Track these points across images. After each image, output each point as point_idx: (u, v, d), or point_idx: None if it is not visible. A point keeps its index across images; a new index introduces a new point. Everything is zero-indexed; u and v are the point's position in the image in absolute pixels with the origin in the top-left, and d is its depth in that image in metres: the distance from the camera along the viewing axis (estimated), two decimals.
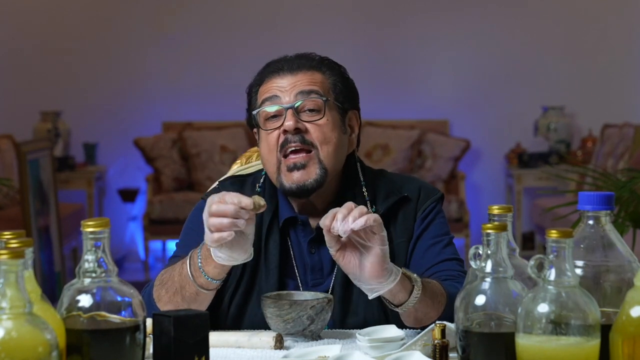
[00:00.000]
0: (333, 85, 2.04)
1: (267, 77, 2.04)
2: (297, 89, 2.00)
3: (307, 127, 1.98)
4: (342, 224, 1.71)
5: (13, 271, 1.26)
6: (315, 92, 2.00)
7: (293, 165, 1.98)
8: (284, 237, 2.05)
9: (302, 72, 2.02)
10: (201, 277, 1.86)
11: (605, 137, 6.50)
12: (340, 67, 2.08)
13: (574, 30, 7.22)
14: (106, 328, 1.40)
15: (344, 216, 1.72)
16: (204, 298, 1.89)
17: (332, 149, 1.99)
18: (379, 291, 1.77)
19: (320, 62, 2.06)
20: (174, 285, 1.90)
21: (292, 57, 2.06)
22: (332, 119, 2.01)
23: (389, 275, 1.75)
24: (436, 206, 2.09)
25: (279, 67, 2.03)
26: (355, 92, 2.10)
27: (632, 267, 1.54)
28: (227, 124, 7.11)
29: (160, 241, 7.07)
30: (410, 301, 1.81)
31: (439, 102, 7.28)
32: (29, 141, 5.89)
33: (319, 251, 2.03)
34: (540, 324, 1.39)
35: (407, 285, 1.80)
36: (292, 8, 7.29)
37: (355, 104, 2.10)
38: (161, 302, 1.92)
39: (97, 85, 7.30)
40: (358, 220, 1.71)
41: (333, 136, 2.00)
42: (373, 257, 1.74)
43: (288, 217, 2.04)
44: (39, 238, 5.31)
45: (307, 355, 1.65)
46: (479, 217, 6.85)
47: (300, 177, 1.97)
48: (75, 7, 7.28)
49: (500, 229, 1.47)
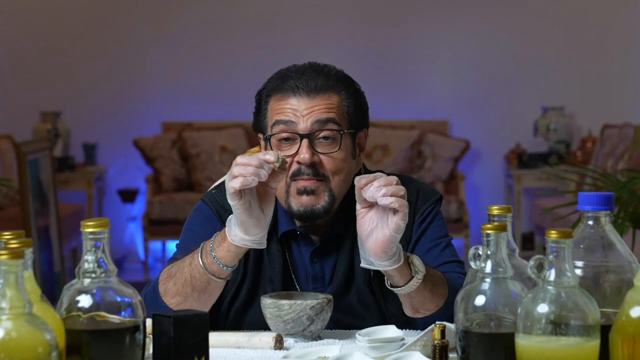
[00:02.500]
0: (347, 107, 2.02)
1: (280, 93, 2.00)
2: (314, 117, 1.97)
3: (321, 158, 1.98)
4: (373, 190, 1.73)
5: (13, 271, 1.26)
6: (332, 120, 1.98)
7: (303, 189, 1.98)
8: (284, 247, 2.06)
9: (319, 96, 1.99)
10: (214, 265, 1.86)
11: (605, 138, 6.50)
12: (354, 83, 2.06)
13: (574, 30, 7.22)
14: (106, 328, 1.40)
15: (380, 185, 1.74)
16: (214, 288, 1.89)
17: (342, 179, 2.00)
18: (372, 266, 1.79)
19: (337, 79, 2.02)
20: (184, 275, 1.89)
21: (308, 72, 2.01)
22: (346, 148, 2.00)
23: (387, 258, 1.77)
24: (434, 208, 2.09)
25: (295, 86, 1.99)
26: (366, 109, 2.09)
27: (631, 268, 1.54)
28: (227, 124, 7.11)
29: (160, 241, 7.07)
30: (405, 288, 1.83)
31: (439, 102, 7.27)
32: (29, 141, 5.89)
33: (321, 261, 2.05)
34: (540, 325, 1.39)
35: (406, 274, 1.82)
36: (292, 8, 7.29)
37: (366, 122, 2.09)
38: (168, 295, 1.91)
39: (97, 86, 7.30)
40: (387, 197, 1.72)
41: (345, 166, 2.00)
42: (381, 235, 1.76)
43: (287, 230, 2.05)
44: (38, 238, 5.31)
45: (306, 355, 1.65)
46: (478, 218, 6.85)
47: (309, 201, 1.98)
48: (75, 7, 7.28)
49: (500, 229, 1.47)
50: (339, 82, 2.03)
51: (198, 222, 2.05)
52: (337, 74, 2.04)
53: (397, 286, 1.83)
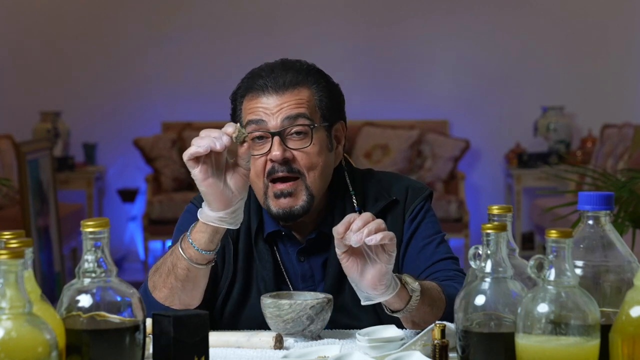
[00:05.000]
0: (319, 100, 2.01)
1: (251, 92, 2.01)
2: (283, 114, 1.97)
3: (294, 154, 1.98)
4: (356, 234, 1.70)
5: (13, 271, 1.26)
6: (302, 115, 1.98)
7: (280, 193, 1.98)
8: (272, 247, 2.06)
9: (288, 92, 1.99)
10: (190, 249, 1.85)
11: (604, 137, 6.50)
12: (326, 76, 2.06)
13: (574, 31, 7.22)
14: (106, 328, 1.40)
15: (359, 228, 1.70)
16: (195, 275, 1.88)
17: (318, 174, 1.99)
18: (373, 300, 1.77)
19: (307, 73, 2.02)
20: (167, 266, 1.90)
21: (277, 70, 2.01)
22: (319, 142, 2.00)
23: (385, 289, 1.75)
24: (424, 205, 2.07)
25: (264, 85, 1.99)
26: (341, 101, 2.08)
27: (631, 267, 1.54)
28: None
29: (160, 241, 7.07)
30: (406, 310, 1.81)
31: (439, 102, 7.27)
32: (29, 141, 5.89)
33: (308, 260, 2.05)
34: (540, 324, 1.39)
35: (404, 296, 1.80)
36: (292, 8, 7.29)
37: (342, 114, 2.08)
38: (156, 290, 1.91)
39: (97, 85, 7.30)
40: (374, 235, 1.69)
41: (319, 161, 1.99)
42: (375, 270, 1.73)
43: (272, 230, 2.05)
44: (38, 238, 5.31)
45: (306, 355, 1.65)
46: (478, 217, 6.85)
47: (287, 203, 1.98)
48: (76, 7, 7.28)
49: (500, 229, 1.47)
50: (309, 75, 2.02)
51: (187, 222, 2.05)
52: (308, 68, 2.04)
53: (398, 310, 1.82)
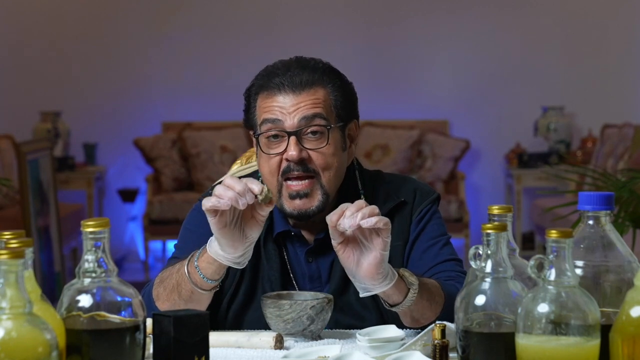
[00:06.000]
0: (335, 100, 2.01)
1: (267, 90, 1.99)
2: (300, 114, 1.96)
3: (310, 154, 1.97)
4: (349, 219, 1.71)
5: (13, 271, 1.26)
6: (319, 115, 1.97)
7: (296, 193, 1.97)
8: (280, 247, 2.06)
9: (305, 91, 1.98)
10: (196, 274, 1.86)
11: (605, 137, 6.50)
12: (340, 75, 2.05)
13: (574, 30, 7.22)
14: (106, 328, 1.40)
15: (352, 213, 1.72)
16: (199, 298, 1.88)
17: (333, 174, 1.99)
18: (371, 292, 1.78)
19: (322, 72, 2.01)
20: (171, 282, 1.90)
21: (293, 68, 2.00)
22: (334, 142, 1.99)
23: (382, 278, 1.76)
24: (432, 207, 2.09)
25: (280, 84, 1.98)
26: (355, 99, 2.08)
27: (632, 267, 1.54)
28: (227, 124, 7.11)
29: (160, 241, 7.07)
30: (404, 303, 1.82)
31: (439, 102, 7.27)
32: (29, 141, 5.89)
33: (317, 260, 2.05)
34: (540, 324, 1.39)
35: (403, 288, 1.81)
36: (292, 8, 7.29)
37: (355, 113, 2.08)
38: (159, 301, 1.92)
39: (97, 86, 7.30)
40: (368, 218, 1.71)
41: (335, 161, 1.99)
42: (371, 258, 1.75)
43: (281, 230, 2.05)
44: (38, 238, 5.31)
45: (307, 355, 1.65)
46: (478, 217, 6.85)
47: (303, 205, 1.98)
48: (76, 7, 7.28)
49: (500, 229, 1.47)
50: (325, 75, 2.01)
51: (196, 221, 2.05)
52: (323, 67, 2.03)
53: (396, 304, 1.82)
